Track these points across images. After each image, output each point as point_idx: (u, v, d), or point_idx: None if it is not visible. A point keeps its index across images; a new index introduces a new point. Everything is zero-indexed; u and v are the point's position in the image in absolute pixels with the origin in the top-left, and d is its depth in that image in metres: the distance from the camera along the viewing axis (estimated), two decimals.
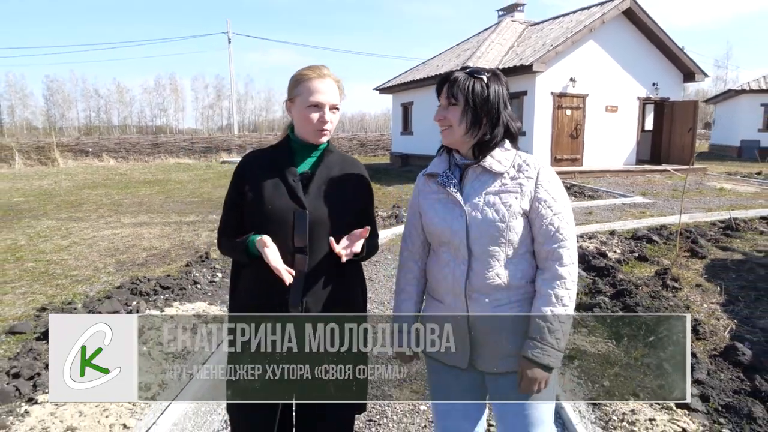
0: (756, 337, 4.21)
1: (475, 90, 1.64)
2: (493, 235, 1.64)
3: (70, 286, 5.79)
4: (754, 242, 7.60)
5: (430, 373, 1.85)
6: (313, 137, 1.84)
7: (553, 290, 1.63)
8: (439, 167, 1.77)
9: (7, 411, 3.04)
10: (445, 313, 1.71)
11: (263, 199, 1.79)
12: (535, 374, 1.61)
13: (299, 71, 1.86)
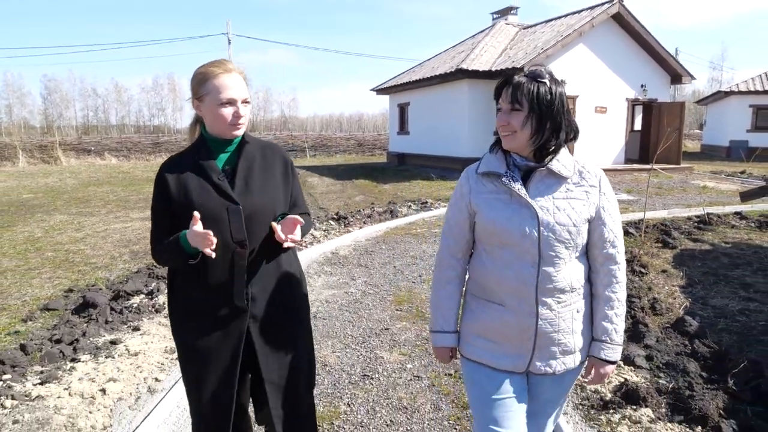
0: (706, 313, 4.76)
1: (539, 95, 1.61)
2: (565, 238, 1.65)
3: (91, 272, 6.31)
4: (724, 235, 8.15)
5: (478, 377, 1.79)
6: (227, 133, 1.83)
7: (615, 293, 1.72)
8: (499, 167, 1.72)
9: (56, 368, 3.56)
10: (509, 316, 1.69)
11: (192, 202, 1.78)
12: (606, 370, 1.75)
13: (203, 68, 1.83)
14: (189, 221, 1.73)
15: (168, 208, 1.81)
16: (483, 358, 1.76)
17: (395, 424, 3.01)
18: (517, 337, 1.69)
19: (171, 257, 1.82)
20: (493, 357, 1.74)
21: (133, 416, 3.08)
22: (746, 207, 10.67)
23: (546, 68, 1.68)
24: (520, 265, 1.65)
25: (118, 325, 4.36)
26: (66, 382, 3.31)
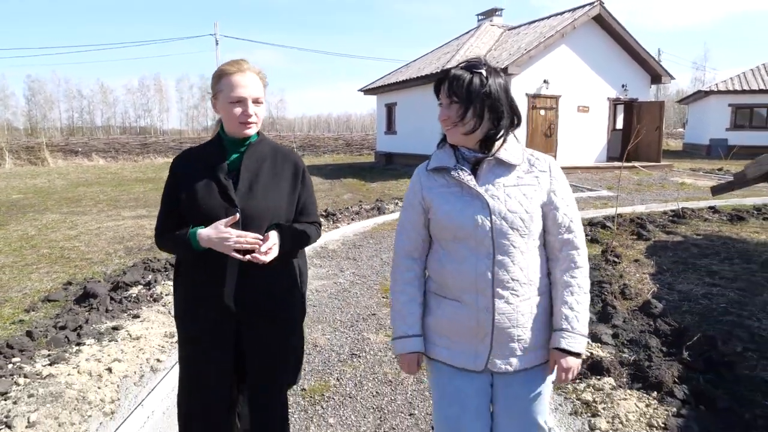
0: (672, 297, 5.09)
1: (475, 86, 1.60)
2: (519, 226, 1.62)
3: (87, 266, 6.52)
4: (697, 227, 8.53)
5: (438, 377, 1.76)
6: (238, 131, 1.86)
7: (575, 279, 1.66)
8: (448, 161, 1.71)
9: (62, 351, 3.79)
10: (464, 312, 1.65)
11: (197, 199, 1.82)
12: (569, 363, 1.63)
13: (220, 67, 1.88)
14: (191, 214, 1.82)
15: (177, 198, 1.86)
16: (441, 356, 1.72)
17: (381, 395, 3.29)
18: (473, 333, 1.65)
19: (176, 248, 1.88)
20: (450, 355, 1.70)
21: (138, 391, 3.33)
22: (720, 202, 11.09)
23: (483, 59, 1.68)
24: (476, 257, 1.62)
25: (118, 313, 4.60)
26: (74, 362, 3.54)
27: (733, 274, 5.84)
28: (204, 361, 1.91)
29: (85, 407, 3.05)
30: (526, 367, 1.67)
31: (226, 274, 1.83)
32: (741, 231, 8.24)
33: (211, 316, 1.87)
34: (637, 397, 3.12)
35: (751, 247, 7.12)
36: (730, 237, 7.81)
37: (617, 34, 17.66)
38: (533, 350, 1.67)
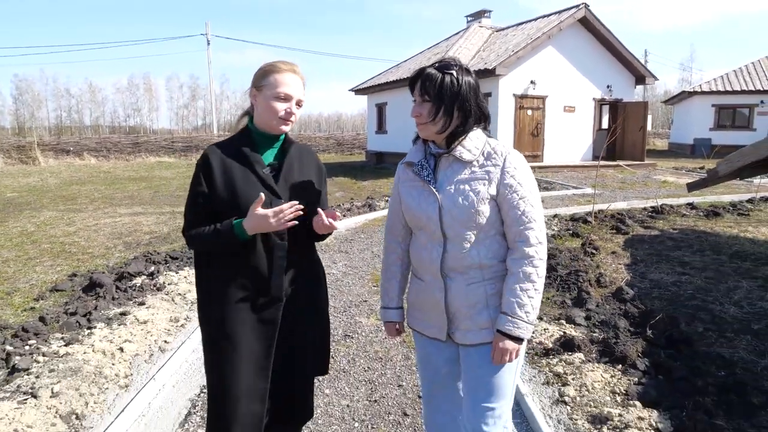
0: (644, 285, 5.45)
1: (445, 84, 1.71)
2: (464, 219, 1.74)
3: (89, 260, 6.77)
4: (674, 222, 8.93)
5: (416, 344, 2.05)
6: (275, 126, 1.89)
7: (521, 268, 1.74)
8: (416, 156, 1.87)
9: (75, 334, 4.06)
10: (427, 290, 1.87)
11: (236, 191, 1.82)
12: (506, 345, 1.75)
13: (271, 62, 1.92)
14: (228, 208, 1.81)
15: (209, 193, 1.84)
16: (417, 327, 1.98)
17: (372, 369, 3.61)
18: (433, 309, 1.86)
19: (216, 243, 1.83)
20: (423, 326, 1.94)
21: (149, 368, 3.62)
22: (698, 198, 11.51)
23: (456, 59, 1.78)
24: (432, 244, 1.81)
25: (124, 301, 4.87)
26: (88, 343, 3.82)
27: (703, 265, 6.21)
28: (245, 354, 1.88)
29: (101, 381, 3.34)
30: (483, 342, 1.81)
31: (274, 264, 1.86)
32: (715, 225, 8.65)
33: (258, 309, 1.87)
34: (603, 369, 3.46)
35: (723, 240, 7.52)
36: (705, 231, 8.21)
37: (602, 36, 18.09)
38: (488, 329, 1.80)
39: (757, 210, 10.12)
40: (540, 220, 1.77)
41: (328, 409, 3.14)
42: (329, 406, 3.17)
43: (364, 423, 2.98)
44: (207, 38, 30.93)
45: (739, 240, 7.55)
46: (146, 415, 3.08)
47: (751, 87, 26.34)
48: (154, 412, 3.12)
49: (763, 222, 8.91)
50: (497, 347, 1.77)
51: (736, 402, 3.08)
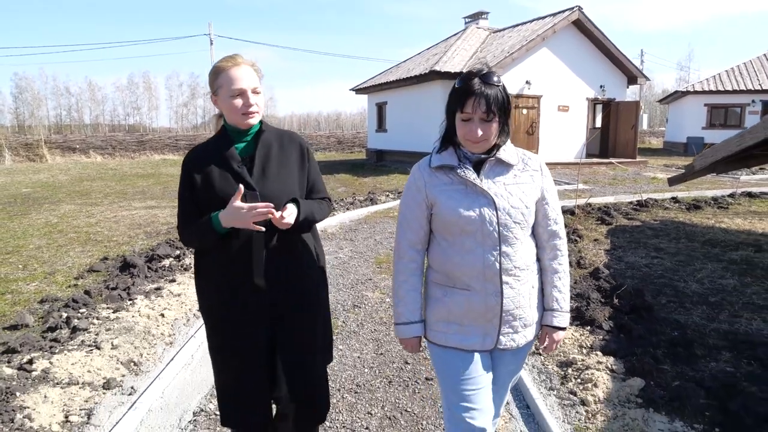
0: (620, 266, 6.08)
1: (504, 99, 1.74)
2: (520, 220, 1.78)
3: (116, 247, 7.38)
4: (656, 214, 9.56)
5: (448, 360, 1.88)
6: (242, 122, 1.94)
7: (561, 265, 1.88)
8: (451, 160, 1.82)
9: (120, 304, 4.68)
10: (475, 298, 1.79)
11: (214, 189, 1.90)
12: (559, 337, 1.90)
13: (216, 64, 1.96)
14: (211, 206, 1.88)
15: (193, 194, 1.94)
16: (451, 342, 1.85)
17: (377, 331, 4.23)
18: (483, 317, 1.81)
19: (201, 238, 1.92)
20: (462, 339, 1.84)
21: (187, 330, 4.24)
22: (683, 193, 12.15)
23: (489, 65, 1.80)
24: (483, 249, 1.76)
25: (156, 279, 5.49)
26: (132, 311, 4.44)
27: (676, 250, 6.84)
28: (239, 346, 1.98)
29: (150, 338, 3.96)
30: (527, 342, 1.89)
31: (253, 255, 1.92)
32: (694, 217, 9.28)
33: (243, 297, 1.94)
34: (573, 330, 4.08)
35: (699, 230, 8.14)
36: (683, 222, 8.84)
37: (595, 37, 18.71)
38: (530, 326, 1.88)
39: (737, 204, 10.75)
40: (563, 219, 1.95)
41: (342, 359, 3.76)
42: (343, 358, 3.78)
43: (373, 369, 3.60)
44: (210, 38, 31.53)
45: (713, 229, 8.18)
46: (191, 365, 3.70)
47: (743, 87, 26.98)
48: (196, 362, 3.74)
49: (739, 214, 9.54)
50: (552, 340, 1.90)
51: (683, 353, 3.70)
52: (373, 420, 2.99)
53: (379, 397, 3.25)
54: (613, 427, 2.80)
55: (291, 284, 2.00)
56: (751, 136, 6.20)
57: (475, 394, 1.83)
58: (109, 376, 3.39)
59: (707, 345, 3.87)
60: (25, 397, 3.02)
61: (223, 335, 2.01)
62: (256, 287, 1.92)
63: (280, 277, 1.96)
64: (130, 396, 3.22)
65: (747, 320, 4.40)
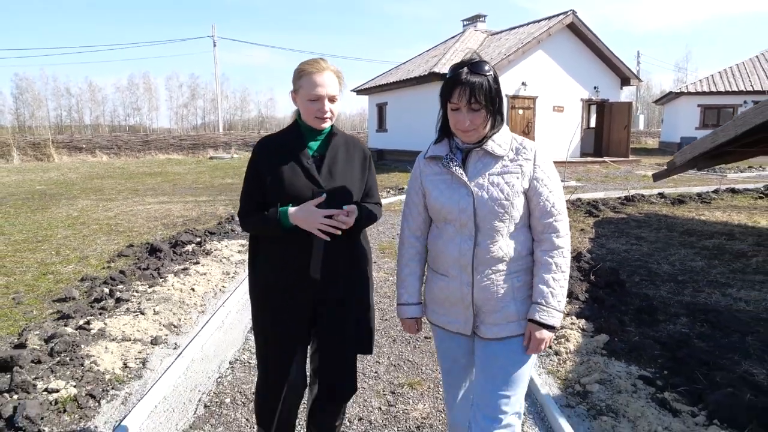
0: (601, 252, 6.67)
1: (492, 88, 1.73)
2: (498, 212, 1.75)
3: (138, 236, 7.96)
4: (642, 208, 10.16)
5: (436, 338, 2.05)
6: (314, 124, 2.03)
7: (552, 259, 1.77)
8: (442, 150, 1.86)
9: (152, 282, 5.27)
10: (451, 284, 1.85)
11: (282, 181, 1.97)
12: (542, 335, 1.78)
13: (301, 65, 2.04)
14: (277, 196, 1.96)
15: (260, 182, 2.01)
16: (439, 322, 1.97)
17: (382, 303, 4.82)
18: (459, 303, 1.86)
19: (264, 228, 2.01)
20: (446, 321, 1.93)
21: (215, 302, 4.83)
22: (670, 189, 12.76)
23: (480, 56, 1.79)
24: (460, 238, 1.80)
25: (181, 261, 6.07)
26: (166, 286, 5.03)
27: (656, 238, 7.44)
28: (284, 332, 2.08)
29: (185, 307, 4.55)
30: (509, 335, 1.84)
31: (313, 250, 1.98)
32: (677, 211, 9.88)
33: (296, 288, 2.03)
34: None
35: (679, 222, 8.74)
36: (666, 215, 9.44)
37: (589, 40, 19.33)
38: (516, 321, 1.82)
39: (719, 199, 11.36)
40: (565, 212, 1.83)
41: None
42: None
43: (379, 331, 4.19)
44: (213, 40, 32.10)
45: (693, 221, 8.78)
46: (222, 327, 4.29)
47: (735, 88, 27.59)
48: (227, 326, 4.33)
49: (720, 208, 10.14)
50: (534, 337, 1.79)
51: (647, 319, 4.30)
52: (380, 367, 3.58)
53: (385, 351, 3.84)
54: (579, 369, 3.39)
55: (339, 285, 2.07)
56: (723, 134, 6.81)
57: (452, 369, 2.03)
58: (155, 334, 3.98)
59: (669, 312, 4.47)
60: (89, 348, 3.60)
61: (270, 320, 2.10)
62: (312, 283, 2.01)
63: (333, 275, 2.04)
64: (174, 349, 3.81)
65: (708, 294, 5.00)
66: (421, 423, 2.90)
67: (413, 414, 2.99)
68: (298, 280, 2.01)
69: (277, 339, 2.09)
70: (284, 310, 2.06)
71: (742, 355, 3.62)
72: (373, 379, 3.43)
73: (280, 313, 2.07)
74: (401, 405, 3.09)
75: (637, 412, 2.85)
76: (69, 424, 2.85)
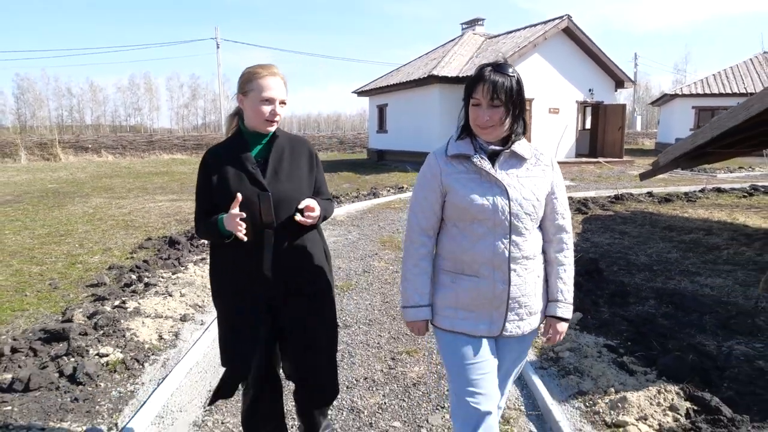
0: (586, 245, 7.21)
1: (513, 89, 1.78)
2: (530, 211, 1.83)
3: (154, 231, 8.49)
4: (629, 206, 10.69)
5: (454, 345, 1.92)
6: (263, 127, 2.08)
7: (566, 258, 1.93)
8: (466, 149, 1.86)
9: (174, 269, 5.80)
10: (483, 285, 1.84)
11: (229, 188, 2.02)
12: (562, 328, 1.92)
13: (252, 68, 2.07)
14: (227, 204, 2.00)
15: (209, 191, 2.07)
16: (458, 327, 1.90)
17: (384, 288, 5.36)
18: (491, 304, 1.86)
19: (210, 235, 2.09)
20: (469, 325, 1.89)
21: None
22: (659, 188, 13.29)
23: (505, 59, 1.87)
24: (493, 237, 1.82)
25: (199, 252, 6.61)
26: (188, 273, 5.56)
27: (638, 233, 7.97)
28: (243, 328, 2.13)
29: (207, 290, 5.08)
30: (531, 330, 1.94)
31: (263, 254, 2.06)
32: (662, 209, 10.41)
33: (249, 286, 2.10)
34: None
35: (663, 218, 9.28)
36: (652, 212, 9.97)
37: (584, 44, 19.87)
38: (534, 315, 1.93)
39: (704, 198, 11.89)
40: (569, 214, 2.00)
41: (357, 306, 4.88)
42: (358, 305, 4.91)
43: (381, 311, 4.72)
44: (216, 42, 32.64)
45: (676, 218, 9.31)
46: None
47: (729, 90, 28.12)
48: None
49: (704, 206, 10.68)
50: (555, 330, 1.94)
51: (619, 301, 4.83)
52: (382, 339, 4.12)
53: (386, 326, 4.37)
54: None
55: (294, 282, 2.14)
56: (702, 136, 7.34)
57: (481, 379, 1.87)
58: (183, 312, 4.52)
59: (640, 296, 5.00)
60: (127, 323, 4.13)
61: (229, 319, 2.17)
62: (263, 284, 2.08)
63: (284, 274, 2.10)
64: (201, 325, 4.35)
65: (677, 281, 5.53)
66: (417, 381, 3.44)
67: (410, 375, 3.53)
68: (248, 284, 2.08)
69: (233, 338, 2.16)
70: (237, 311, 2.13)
71: (698, 331, 4.15)
72: (375, 348, 3.96)
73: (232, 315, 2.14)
74: (400, 368, 3.62)
75: (599, 372, 3.38)
76: (120, 381, 3.38)
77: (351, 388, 3.35)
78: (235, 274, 2.10)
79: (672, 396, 3.02)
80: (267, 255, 2.05)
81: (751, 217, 9.23)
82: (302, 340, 2.19)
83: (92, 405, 3.06)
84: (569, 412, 3.01)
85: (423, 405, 3.14)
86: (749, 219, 9.07)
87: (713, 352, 3.69)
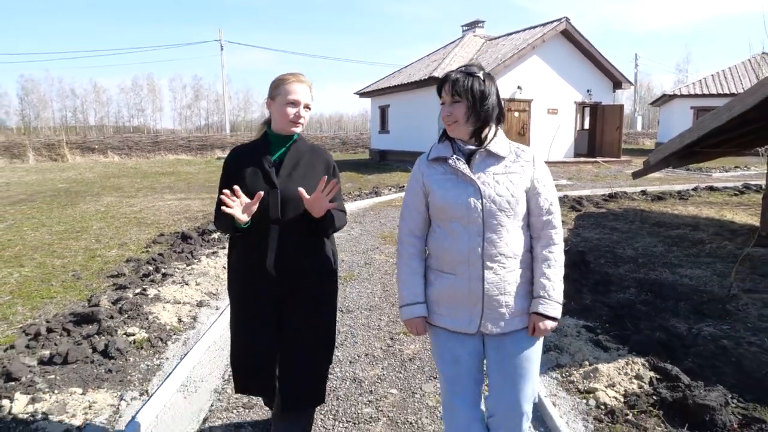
0: (577, 240, 7.58)
1: (474, 86, 1.85)
2: (505, 208, 1.86)
3: (166, 227, 8.88)
4: (622, 204, 11.06)
5: (437, 340, 2.02)
6: (287, 128, 2.20)
7: (552, 254, 1.92)
8: (445, 152, 1.95)
9: (188, 262, 6.19)
10: (459, 282, 1.90)
11: (245, 183, 2.15)
12: (546, 325, 1.89)
13: (281, 75, 2.22)
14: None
15: (228, 185, 2.14)
16: (441, 323, 1.97)
17: (384, 278, 5.74)
18: (467, 301, 1.90)
19: (224, 227, 2.19)
20: (450, 321, 1.95)
21: None
22: (654, 187, 13.64)
23: (479, 65, 1.95)
24: (468, 235, 1.86)
25: (210, 246, 7.00)
26: (202, 265, 5.96)
27: (628, 229, 8.34)
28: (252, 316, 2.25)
29: (221, 280, 5.48)
30: (514, 330, 1.92)
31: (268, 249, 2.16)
32: (654, 206, 10.77)
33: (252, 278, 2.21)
34: None
35: (654, 215, 9.64)
36: (643, 210, 10.34)
37: (582, 46, 20.23)
38: (519, 315, 1.92)
39: (696, 196, 12.24)
40: (559, 211, 1.99)
41: (360, 294, 5.27)
42: (360, 293, 5.29)
43: (381, 298, 5.11)
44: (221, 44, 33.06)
45: (666, 215, 9.68)
46: None
47: (727, 90, 28.42)
48: None
49: (695, 204, 11.03)
50: (538, 328, 1.90)
51: (602, 289, 5.21)
52: (381, 322, 4.51)
53: (386, 312, 4.76)
54: None
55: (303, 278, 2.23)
56: (689, 136, 7.71)
57: (458, 374, 1.96)
58: (199, 299, 4.91)
59: (622, 285, 5.37)
60: (149, 308, 4.53)
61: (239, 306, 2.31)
62: (266, 277, 2.17)
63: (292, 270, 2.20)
64: (216, 310, 4.74)
65: (659, 273, 5.90)
66: (413, 356, 3.83)
67: (407, 351, 3.91)
68: (251, 275, 2.21)
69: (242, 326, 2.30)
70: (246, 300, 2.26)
71: (672, 315, 4.52)
72: (375, 329, 4.35)
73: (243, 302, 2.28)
74: (398, 346, 4.01)
75: (576, 349, 3.76)
76: (147, 356, 3.78)
77: (353, 362, 3.74)
78: (242, 266, 2.25)
79: (638, 367, 3.40)
80: (271, 250, 2.16)
81: (739, 214, 9.58)
82: (294, 338, 2.26)
83: (124, 375, 3.46)
84: (546, 382, 3.39)
85: (417, 376, 3.52)
86: (737, 215, 9.43)
87: (683, 333, 4.07)
